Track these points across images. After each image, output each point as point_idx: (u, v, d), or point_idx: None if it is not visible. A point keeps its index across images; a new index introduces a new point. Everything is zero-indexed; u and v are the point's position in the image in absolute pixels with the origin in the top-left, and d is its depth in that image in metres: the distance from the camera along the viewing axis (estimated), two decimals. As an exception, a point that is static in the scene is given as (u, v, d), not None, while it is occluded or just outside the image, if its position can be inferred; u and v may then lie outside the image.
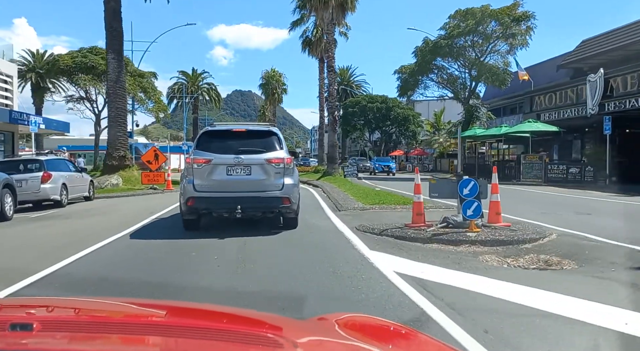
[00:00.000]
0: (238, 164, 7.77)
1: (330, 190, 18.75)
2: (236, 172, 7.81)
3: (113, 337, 1.28)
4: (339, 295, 4.64)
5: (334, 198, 14.85)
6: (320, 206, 13.47)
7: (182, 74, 67.85)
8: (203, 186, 7.77)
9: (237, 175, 7.81)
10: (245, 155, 7.80)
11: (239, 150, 7.84)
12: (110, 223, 10.49)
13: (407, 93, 36.76)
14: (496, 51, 33.09)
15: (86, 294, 4.81)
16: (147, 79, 34.44)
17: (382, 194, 14.78)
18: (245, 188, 7.80)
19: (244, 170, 7.82)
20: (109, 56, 22.20)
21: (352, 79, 68.75)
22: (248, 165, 7.81)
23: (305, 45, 35.77)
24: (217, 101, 69.55)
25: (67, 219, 11.50)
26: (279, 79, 64.42)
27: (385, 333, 1.60)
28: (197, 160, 7.85)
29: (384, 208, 11.84)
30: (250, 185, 7.83)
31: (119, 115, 22.43)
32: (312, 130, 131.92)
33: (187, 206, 7.88)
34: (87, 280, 5.45)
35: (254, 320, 1.59)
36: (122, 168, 22.24)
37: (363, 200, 13.23)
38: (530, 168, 23.83)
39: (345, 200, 13.88)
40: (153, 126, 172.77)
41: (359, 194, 15.28)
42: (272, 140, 8.23)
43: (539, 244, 7.11)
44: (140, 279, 5.46)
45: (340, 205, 12.50)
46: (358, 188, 18.13)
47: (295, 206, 8.20)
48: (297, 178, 8.69)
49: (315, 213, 11.81)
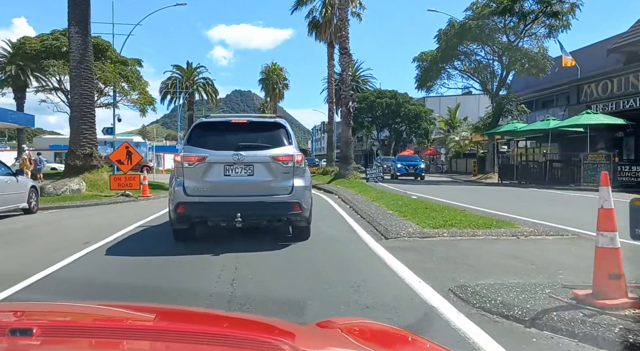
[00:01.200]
0: (238, 162, 6.75)
1: (352, 198, 14.31)
2: (235, 172, 6.79)
3: (115, 343, 1.28)
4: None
5: (365, 213, 10.44)
6: (348, 225, 9.08)
7: (177, 68, 63.56)
8: (195, 189, 6.74)
9: (237, 175, 6.79)
10: (246, 152, 6.78)
11: (239, 146, 6.82)
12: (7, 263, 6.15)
13: (426, 84, 32.32)
14: (532, 34, 28.71)
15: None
16: (131, 67, 30.01)
17: (434, 208, 10.37)
18: (247, 191, 6.80)
19: (245, 170, 6.80)
20: (72, 30, 17.76)
21: (358, 74, 64.09)
22: (250, 164, 6.79)
23: (311, 28, 31.23)
24: (214, 97, 65.16)
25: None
26: (279, 73, 60.15)
27: (387, 338, 1.60)
28: (189, 158, 6.78)
29: (461, 234, 7.43)
30: (253, 187, 6.81)
31: (85, 103, 18.00)
32: (314, 129, 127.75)
33: (176, 213, 6.78)
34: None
35: (259, 325, 1.59)
36: (87, 169, 17.82)
37: (415, 218, 8.82)
38: (592, 170, 19.37)
39: (385, 217, 9.48)
40: (152, 126, 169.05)
41: (399, 206, 10.89)
42: (279, 133, 7.11)
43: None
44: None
45: (384, 228, 8.11)
46: (390, 197, 13.70)
47: (307, 212, 7.03)
48: (309, 180, 7.46)
49: (345, 239, 7.46)
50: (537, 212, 11.01)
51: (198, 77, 64.15)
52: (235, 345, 1.25)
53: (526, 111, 30.37)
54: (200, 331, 1.37)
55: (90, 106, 18.36)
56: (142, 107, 30.43)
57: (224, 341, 1.27)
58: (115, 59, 28.71)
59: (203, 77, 64.17)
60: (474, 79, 31.60)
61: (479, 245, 6.76)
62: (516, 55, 28.03)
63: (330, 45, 30.19)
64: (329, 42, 30.16)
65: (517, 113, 29.72)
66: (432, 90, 32.86)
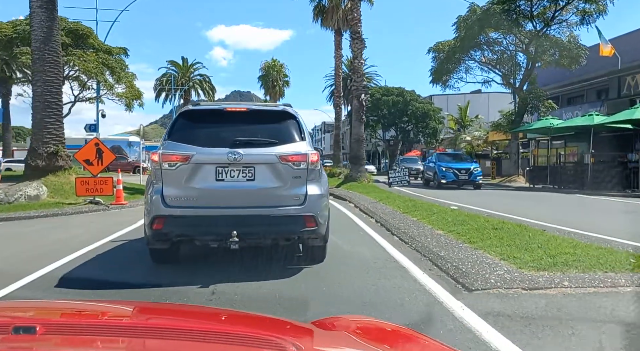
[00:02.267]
0: (235, 163, 5.17)
1: (375, 208, 11.35)
2: (231, 176, 5.23)
3: (119, 340, 1.27)
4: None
5: (404, 232, 7.48)
6: (382, 249, 6.14)
7: (172, 63, 60.63)
8: (178, 198, 5.19)
9: (233, 180, 5.23)
10: (246, 149, 5.20)
11: (237, 142, 5.25)
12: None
13: (442, 78, 29.43)
14: (562, 22, 25.80)
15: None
16: (116, 57, 27.09)
17: (504, 227, 7.38)
18: (246, 201, 5.23)
19: (244, 173, 5.23)
20: (33, 4, 14.77)
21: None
22: (250, 165, 5.22)
23: (317, 14, 28.17)
24: (212, 95, 62.21)
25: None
26: (280, 70, 57.31)
27: (390, 336, 1.58)
28: (169, 157, 5.18)
29: (593, 283, 4.46)
30: (254, 196, 5.25)
31: (49, 92, 15.01)
32: (314, 129, 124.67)
33: (152, 230, 5.16)
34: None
35: (263, 323, 1.57)
36: (51, 171, 14.85)
37: (492, 248, 5.84)
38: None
39: (441, 242, 6.53)
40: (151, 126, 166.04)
41: (450, 224, 7.94)
42: (287, 125, 5.54)
43: None
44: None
45: (454, 267, 5.15)
46: (425, 208, 10.72)
47: (323, 228, 5.44)
48: (327, 186, 5.88)
49: (389, 277, 4.55)
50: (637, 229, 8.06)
51: (194, 73, 61.32)
52: (239, 343, 1.23)
53: (554, 107, 27.42)
54: (203, 328, 1.37)
55: (57, 95, 15.35)
56: (129, 101, 27.54)
57: (227, 339, 1.25)
58: (98, 48, 25.80)
59: (200, 73, 61.44)
60: (495, 72, 28.67)
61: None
62: (544, 45, 25.12)
63: (338, 32, 27.24)
64: (336, 29, 27.19)
65: (544, 109, 26.78)
66: (448, 85, 29.93)
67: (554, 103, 27.86)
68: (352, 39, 20.00)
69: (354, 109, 20.45)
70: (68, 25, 24.76)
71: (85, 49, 25.25)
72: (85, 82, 27.68)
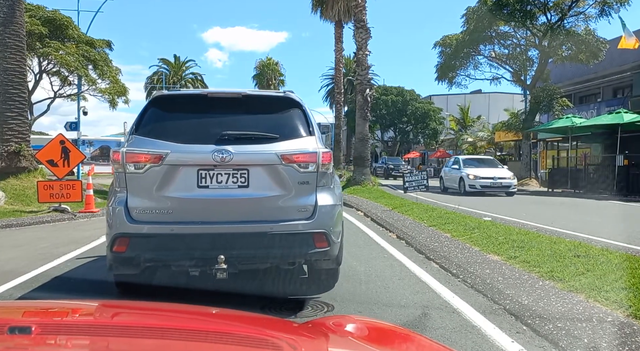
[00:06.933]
0: (222, 165, 3.96)
1: (389, 218, 9.45)
2: (218, 182, 4.03)
3: (115, 340, 1.24)
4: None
5: (441, 255, 5.60)
6: (412, 275, 4.25)
7: (163, 61, 58.67)
8: (147, 211, 3.99)
9: (221, 187, 4.03)
10: (237, 146, 4.00)
11: (225, 136, 4.06)
12: None
13: (448, 75, 27.62)
14: (580, 14, 24.08)
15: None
16: (99, 50, 25.07)
17: (571, 248, 5.51)
18: (237, 215, 4.03)
19: (235, 178, 4.04)
20: (-8, -20, 12.86)
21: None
22: (243, 167, 4.02)
23: (316, 5, 26.29)
24: (204, 94, 60.27)
25: None
26: (275, 68, 55.59)
27: (386, 336, 1.51)
28: (136, 157, 3.98)
29: None
30: (248, 208, 4.06)
31: (10, 82, 13.05)
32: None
33: (113, 252, 3.96)
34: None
35: (257, 323, 1.51)
36: (12, 173, 12.90)
37: (572, 280, 4.01)
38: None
39: (496, 270, 4.65)
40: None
41: (494, 241, 6.07)
42: (291, 116, 4.34)
43: None
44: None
45: (528, 312, 3.26)
46: (452, 218, 8.82)
47: (336, 248, 4.25)
48: (340, 192, 4.78)
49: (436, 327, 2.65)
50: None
51: (187, 72, 59.46)
52: (239, 343, 1.21)
53: (569, 105, 25.67)
54: (199, 328, 1.35)
55: (19, 86, 13.38)
56: (112, 97, 25.53)
57: (227, 339, 1.23)
58: (79, 39, 23.76)
59: (192, 72, 59.51)
60: (505, 68, 26.90)
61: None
62: (560, 38, 23.37)
63: (338, 24, 25.44)
64: (337, 21, 25.38)
65: (559, 108, 25.02)
66: (455, 82, 28.14)
67: (569, 101, 26.13)
68: (356, 29, 18.12)
69: (357, 106, 18.57)
70: (45, 14, 22.78)
71: (64, 41, 23.25)
72: (66, 77, 25.69)
